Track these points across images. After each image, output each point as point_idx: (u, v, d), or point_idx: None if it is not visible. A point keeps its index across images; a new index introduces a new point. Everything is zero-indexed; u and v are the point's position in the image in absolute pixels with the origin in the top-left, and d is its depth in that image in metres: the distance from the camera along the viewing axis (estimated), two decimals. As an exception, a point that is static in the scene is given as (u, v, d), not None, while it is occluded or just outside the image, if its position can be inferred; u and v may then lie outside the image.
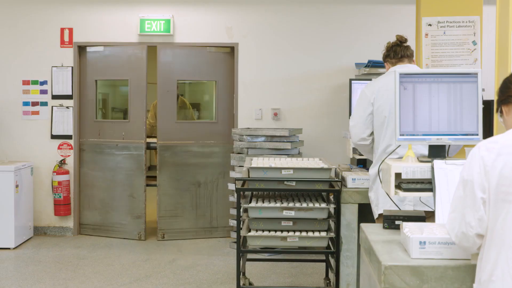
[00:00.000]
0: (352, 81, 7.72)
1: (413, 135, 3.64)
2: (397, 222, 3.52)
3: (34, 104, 8.77)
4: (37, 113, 8.78)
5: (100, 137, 8.67)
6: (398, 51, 4.83)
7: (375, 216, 4.73)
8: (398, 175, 3.40)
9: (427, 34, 6.78)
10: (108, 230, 8.57)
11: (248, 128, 8.13)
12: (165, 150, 8.60)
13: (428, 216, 3.68)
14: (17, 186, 7.94)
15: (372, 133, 4.81)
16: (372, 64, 7.79)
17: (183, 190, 8.60)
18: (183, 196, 8.61)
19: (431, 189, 3.34)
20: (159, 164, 8.57)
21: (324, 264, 6.38)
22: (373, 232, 3.46)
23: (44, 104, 8.76)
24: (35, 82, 8.78)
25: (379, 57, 8.00)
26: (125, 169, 8.56)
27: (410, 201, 4.45)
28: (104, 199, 8.68)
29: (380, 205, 4.61)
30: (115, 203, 8.62)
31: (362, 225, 3.65)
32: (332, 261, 5.62)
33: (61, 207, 8.58)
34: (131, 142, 8.54)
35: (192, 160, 8.63)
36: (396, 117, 3.63)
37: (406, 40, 4.89)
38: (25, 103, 8.77)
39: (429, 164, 3.39)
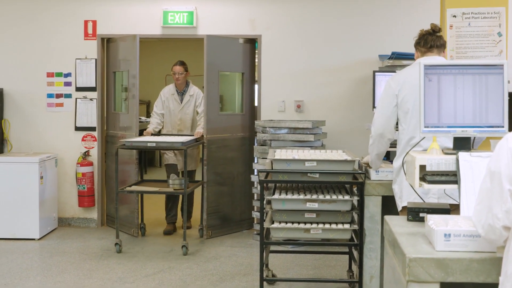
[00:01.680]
0: (376, 73, 7.69)
1: (438, 127, 3.61)
2: (421, 215, 3.51)
3: (58, 96, 8.83)
4: (61, 105, 8.84)
5: (117, 130, 8.68)
6: (428, 40, 4.75)
7: (399, 208, 4.71)
8: (422, 168, 3.38)
9: (451, 26, 6.73)
10: (125, 225, 8.56)
11: (271, 120, 8.12)
12: (212, 144, 8.32)
13: (452, 209, 3.66)
14: (41, 177, 8.00)
15: (396, 126, 4.77)
16: (396, 56, 7.75)
17: (222, 185, 8.45)
18: (222, 191, 8.41)
19: (456, 182, 3.32)
20: (208, 160, 8.21)
21: (347, 256, 6.38)
22: (397, 224, 3.44)
23: (68, 96, 8.82)
24: (59, 74, 8.84)
25: (403, 49, 8.02)
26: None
27: (434, 194, 4.42)
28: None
29: (404, 198, 4.59)
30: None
31: (386, 217, 3.63)
32: (355, 253, 5.62)
33: (85, 198, 8.63)
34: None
35: (224, 152, 8.46)
36: (420, 109, 3.61)
37: (439, 30, 4.79)
38: (50, 95, 8.83)
39: (454, 156, 3.36)
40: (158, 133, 8.48)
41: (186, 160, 7.33)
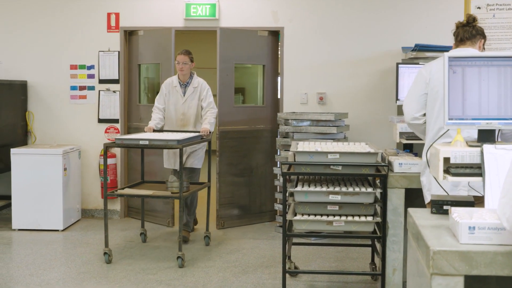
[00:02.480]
0: (399, 65, 7.65)
1: (462, 119, 3.59)
2: (445, 207, 3.49)
3: (82, 88, 8.87)
4: (84, 97, 8.89)
5: (141, 122, 8.73)
6: (460, 33, 4.70)
7: (427, 201, 4.67)
8: (447, 160, 3.36)
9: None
10: (151, 215, 8.61)
11: (294, 112, 8.11)
12: (225, 136, 8.43)
13: (477, 202, 3.64)
14: (65, 169, 8.05)
15: (425, 114, 4.74)
16: (419, 48, 7.71)
17: (238, 176, 8.55)
18: (238, 182, 8.53)
19: (481, 174, 3.30)
20: (220, 151, 8.35)
21: (370, 249, 6.37)
22: (421, 217, 3.43)
23: (91, 88, 8.87)
24: (82, 67, 8.88)
25: (426, 40, 7.98)
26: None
27: (465, 186, 4.39)
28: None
29: (433, 190, 4.55)
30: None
31: (410, 210, 3.62)
32: (378, 246, 5.61)
33: (108, 190, 8.67)
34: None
35: (243, 144, 8.57)
36: (444, 101, 3.59)
37: (473, 20, 4.71)
38: (73, 88, 8.88)
39: (478, 149, 3.34)
40: (161, 130, 7.70)
41: (182, 160, 6.50)
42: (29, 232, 7.92)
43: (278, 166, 7.89)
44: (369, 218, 5.19)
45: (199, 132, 7.36)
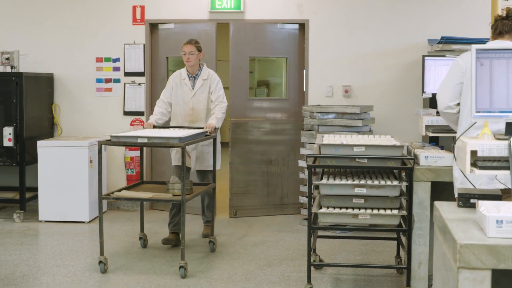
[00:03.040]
0: (425, 58, 7.60)
1: (490, 112, 3.56)
2: (472, 201, 3.46)
3: (107, 81, 8.92)
4: (110, 89, 8.93)
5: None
6: (498, 26, 4.65)
7: (457, 194, 4.63)
8: (474, 153, 3.33)
9: (503, 9, 6.61)
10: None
11: (319, 105, 8.09)
12: (237, 127, 8.63)
13: (504, 195, 3.61)
14: (91, 161, 8.10)
15: (459, 103, 4.71)
16: (446, 40, 7.66)
17: (255, 167, 8.65)
18: (254, 173, 8.66)
19: (508, 167, 3.27)
20: (232, 141, 8.58)
21: (395, 242, 6.35)
22: (448, 210, 3.41)
23: (117, 81, 8.91)
24: (108, 59, 8.92)
25: (452, 33, 7.93)
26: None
27: (501, 179, 4.34)
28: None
29: (467, 184, 4.51)
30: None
31: (436, 203, 3.60)
32: (403, 239, 5.58)
33: (133, 182, 8.70)
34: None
35: (263, 137, 8.64)
36: (472, 93, 3.56)
37: None
38: (99, 80, 8.93)
39: (506, 142, 3.31)
40: (165, 126, 7.23)
41: (184, 159, 5.86)
42: (56, 224, 7.98)
43: (304, 159, 7.88)
44: (395, 212, 5.18)
45: (203, 128, 6.85)
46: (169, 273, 6.07)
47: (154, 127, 6.97)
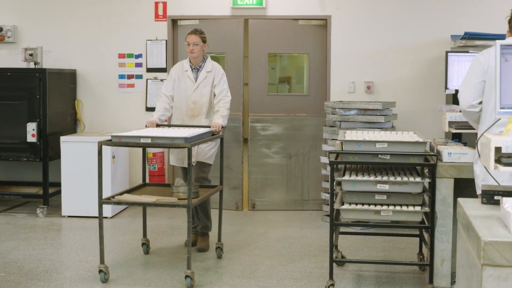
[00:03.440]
0: (449, 54, 7.55)
1: (514, 108, 3.53)
2: (496, 197, 3.44)
3: (130, 77, 8.95)
4: (132, 85, 8.97)
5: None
6: None
7: (479, 191, 4.60)
8: (498, 149, 3.31)
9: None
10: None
11: (341, 101, 8.08)
12: (256, 122, 8.73)
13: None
14: (113, 157, 8.14)
15: (481, 102, 4.66)
16: (469, 36, 7.60)
17: (274, 162, 8.71)
18: (273, 168, 8.72)
19: (533, 164, 3.24)
20: (251, 136, 8.72)
21: (417, 239, 6.32)
22: (471, 207, 3.39)
23: (139, 77, 8.94)
24: (130, 56, 8.96)
25: (476, 29, 7.87)
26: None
27: None
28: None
29: (490, 180, 4.48)
30: (211, 174, 8.66)
31: (460, 199, 3.58)
32: (426, 236, 5.56)
33: (155, 178, 8.75)
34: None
35: (283, 132, 8.67)
36: (496, 90, 3.53)
37: None
38: (121, 76, 8.97)
39: (531, 138, 3.28)
40: (168, 124, 6.81)
41: (190, 161, 5.51)
42: (79, 219, 8.04)
43: (325, 155, 7.87)
44: (417, 208, 5.15)
45: (209, 127, 6.47)
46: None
47: (157, 125, 6.59)
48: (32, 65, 8.50)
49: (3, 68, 8.48)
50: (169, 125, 6.68)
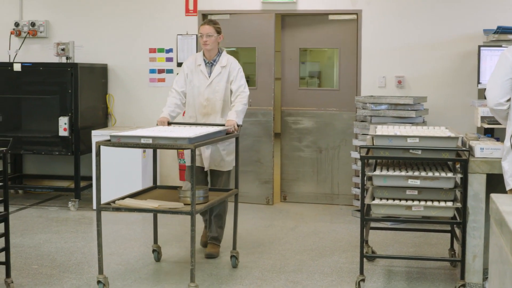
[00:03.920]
0: (481, 48, 7.48)
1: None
2: (530, 194, 3.41)
3: (160, 71, 8.99)
4: (163, 80, 9.01)
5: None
6: None
7: (508, 187, 4.57)
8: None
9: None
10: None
11: (372, 96, 8.04)
12: (288, 116, 8.81)
13: None
14: (144, 151, 8.18)
15: (509, 99, 4.61)
16: (502, 30, 7.53)
17: (305, 155, 8.78)
18: (304, 161, 8.78)
19: None
20: (282, 130, 8.79)
21: (449, 234, 6.28)
22: (505, 203, 3.35)
23: (170, 71, 8.98)
24: (161, 50, 9.00)
25: (509, 23, 7.78)
26: (252, 135, 8.69)
27: None
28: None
29: None
30: (242, 169, 8.69)
31: (493, 195, 3.55)
32: (457, 232, 5.53)
33: (185, 172, 8.77)
34: (259, 109, 8.66)
35: (313, 126, 8.68)
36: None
37: None
38: (152, 71, 9.01)
39: None
40: (181, 122, 6.37)
41: (194, 163, 5.04)
42: (110, 213, 8.04)
43: (356, 150, 7.84)
44: (449, 204, 5.12)
45: (223, 125, 5.99)
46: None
47: (169, 123, 6.18)
48: (64, 60, 8.58)
49: (35, 63, 8.57)
50: (181, 123, 6.27)
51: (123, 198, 5.49)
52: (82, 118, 8.40)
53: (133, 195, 5.66)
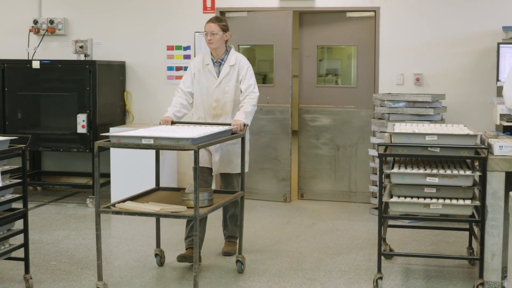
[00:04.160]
0: (500, 45, 7.44)
1: None
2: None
3: (178, 69, 9.01)
4: (180, 77, 8.87)
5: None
6: None
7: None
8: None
9: None
10: (252, 192, 8.70)
11: (390, 93, 8.01)
12: (306, 113, 8.83)
13: None
14: (162, 148, 8.18)
15: None
16: (521, 27, 7.49)
17: (322, 153, 8.79)
18: (322, 159, 8.80)
19: None
20: (300, 127, 8.83)
21: (467, 233, 6.25)
22: (524, 201, 3.34)
23: (187, 69, 8.96)
24: (178, 48, 9.01)
25: (528, 20, 7.73)
26: (270, 132, 8.69)
27: None
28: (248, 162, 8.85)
29: None
30: (259, 166, 8.73)
31: (512, 193, 3.53)
32: (476, 230, 5.50)
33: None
34: (276, 106, 8.66)
35: (331, 124, 8.68)
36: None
37: None
38: (169, 68, 9.03)
39: None
40: (187, 122, 6.09)
41: (197, 165, 4.86)
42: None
43: (373, 147, 7.82)
44: (468, 202, 5.10)
45: (229, 125, 5.77)
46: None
47: (173, 123, 5.95)
48: (82, 57, 8.62)
49: (54, 60, 8.61)
50: (185, 123, 6.02)
51: (123, 201, 5.34)
52: (100, 115, 8.43)
53: (134, 198, 5.51)
